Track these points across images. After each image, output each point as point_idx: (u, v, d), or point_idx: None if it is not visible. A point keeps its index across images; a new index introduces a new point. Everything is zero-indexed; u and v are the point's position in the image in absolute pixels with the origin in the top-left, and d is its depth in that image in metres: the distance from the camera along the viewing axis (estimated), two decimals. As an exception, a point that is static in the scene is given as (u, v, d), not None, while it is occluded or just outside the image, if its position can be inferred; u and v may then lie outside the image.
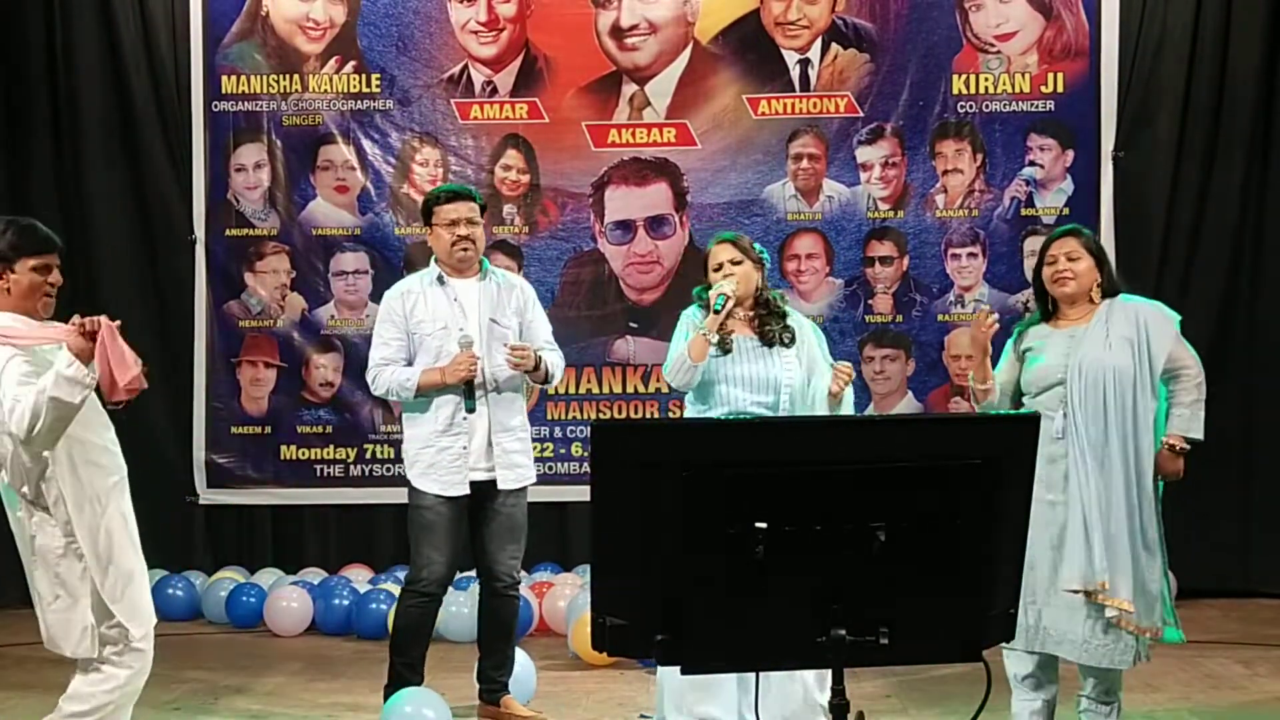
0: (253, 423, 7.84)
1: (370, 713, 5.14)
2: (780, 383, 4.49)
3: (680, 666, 2.53)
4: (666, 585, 2.40)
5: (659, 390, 7.67)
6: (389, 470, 7.63)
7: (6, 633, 6.60)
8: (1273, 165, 7.66)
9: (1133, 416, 4.29)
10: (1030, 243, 7.57)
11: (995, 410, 4.47)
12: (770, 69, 7.76)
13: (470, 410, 4.87)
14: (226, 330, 7.84)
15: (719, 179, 7.75)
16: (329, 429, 7.82)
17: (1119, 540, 4.23)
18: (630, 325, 7.78)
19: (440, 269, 5.03)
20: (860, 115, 7.73)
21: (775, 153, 7.74)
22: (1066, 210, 7.61)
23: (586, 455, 3.83)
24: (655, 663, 2.46)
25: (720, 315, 4.45)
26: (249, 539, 7.90)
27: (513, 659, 5.14)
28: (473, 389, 4.87)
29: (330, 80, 7.82)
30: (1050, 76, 7.70)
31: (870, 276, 7.76)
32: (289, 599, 6.93)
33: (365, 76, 7.81)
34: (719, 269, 4.56)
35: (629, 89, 7.77)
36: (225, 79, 7.81)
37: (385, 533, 7.63)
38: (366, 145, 7.81)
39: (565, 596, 6.65)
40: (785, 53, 7.76)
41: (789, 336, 4.56)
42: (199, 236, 7.81)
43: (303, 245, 7.84)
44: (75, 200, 7.83)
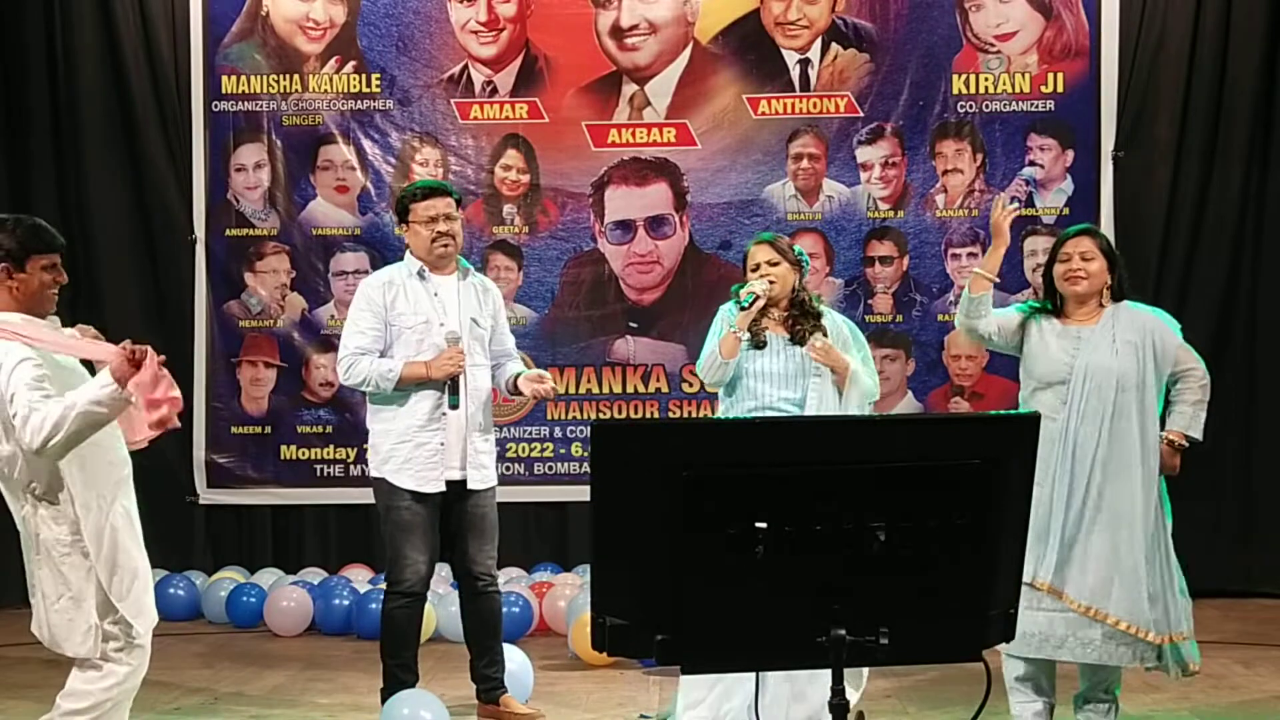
0: (253, 423, 7.84)
1: (370, 713, 5.14)
2: (807, 378, 4.51)
3: (680, 666, 2.53)
4: (666, 585, 2.40)
5: (659, 390, 7.68)
6: (389, 470, 7.62)
7: (7, 633, 6.60)
8: (1273, 165, 7.65)
9: (1138, 423, 4.30)
10: (1030, 243, 7.58)
11: (989, 339, 4.51)
12: (770, 69, 7.75)
13: (454, 406, 4.87)
14: (226, 330, 7.84)
15: (719, 179, 7.75)
16: (329, 429, 7.82)
17: (1123, 556, 4.24)
18: (630, 325, 7.78)
19: (419, 263, 5.02)
20: (860, 115, 7.73)
21: (775, 153, 7.74)
22: (1066, 210, 7.61)
23: (586, 455, 3.83)
24: (655, 662, 2.46)
25: (750, 312, 4.47)
26: (249, 539, 7.91)
27: (503, 655, 5.13)
28: (458, 385, 4.86)
29: (330, 80, 7.82)
30: (1050, 76, 7.69)
31: (870, 276, 7.76)
32: (289, 599, 6.93)
33: (365, 76, 7.81)
34: (756, 269, 4.58)
35: (629, 89, 7.76)
36: (225, 79, 7.81)
37: (385, 533, 7.63)
38: (366, 145, 7.81)
39: (565, 596, 6.65)
40: (785, 53, 7.76)
41: (820, 335, 4.56)
42: (199, 236, 7.82)
43: (303, 245, 7.84)
44: (75, 200, 7.84)
